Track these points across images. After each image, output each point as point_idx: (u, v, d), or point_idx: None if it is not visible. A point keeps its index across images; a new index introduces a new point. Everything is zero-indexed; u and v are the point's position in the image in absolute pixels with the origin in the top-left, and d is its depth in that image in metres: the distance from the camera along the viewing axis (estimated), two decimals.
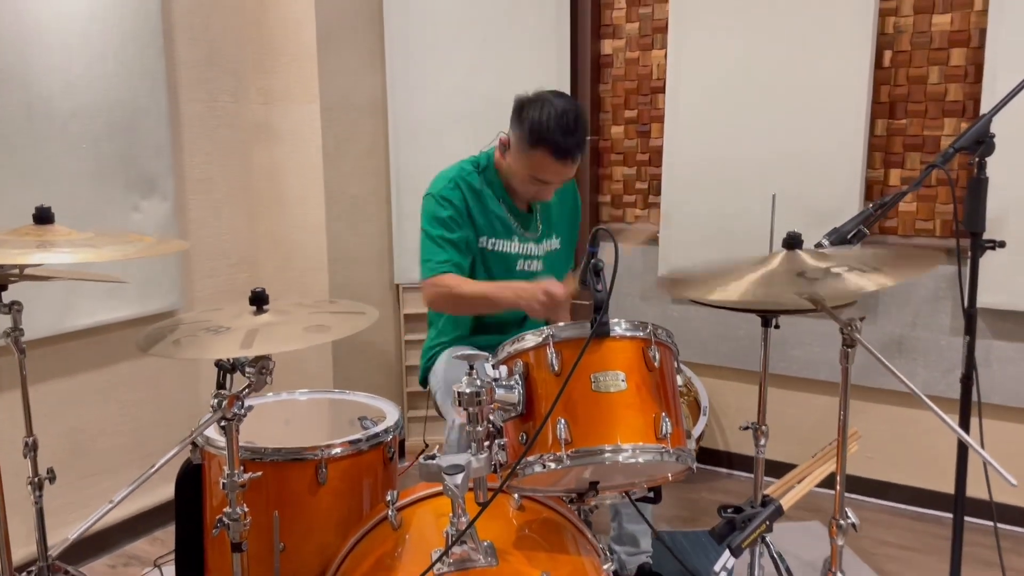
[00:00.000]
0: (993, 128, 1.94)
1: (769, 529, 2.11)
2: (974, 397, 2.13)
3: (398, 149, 3.35)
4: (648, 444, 1.47)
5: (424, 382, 2.46)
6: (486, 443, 1.52)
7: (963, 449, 2.19)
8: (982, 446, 2.14)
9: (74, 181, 2.57)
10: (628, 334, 1.54)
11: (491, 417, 1.56)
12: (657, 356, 1.53)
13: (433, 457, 1.46)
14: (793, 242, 1.59)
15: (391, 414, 2.10)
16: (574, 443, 1.46)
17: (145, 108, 2.74)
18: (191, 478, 2.02)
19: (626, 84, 3.41)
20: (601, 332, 1.50)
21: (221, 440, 1.91)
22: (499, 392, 1.51)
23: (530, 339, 1.55)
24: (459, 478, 1.41)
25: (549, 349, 1.51)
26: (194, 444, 1.97)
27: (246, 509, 1.65)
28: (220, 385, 1.78)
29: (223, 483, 1.64)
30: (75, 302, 2.60)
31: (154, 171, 2.78)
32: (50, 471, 2.10)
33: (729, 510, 2.15)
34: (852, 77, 2.88)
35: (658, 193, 3.35)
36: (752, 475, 3.30)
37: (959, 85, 2.81)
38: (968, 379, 2.14)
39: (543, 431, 1.48)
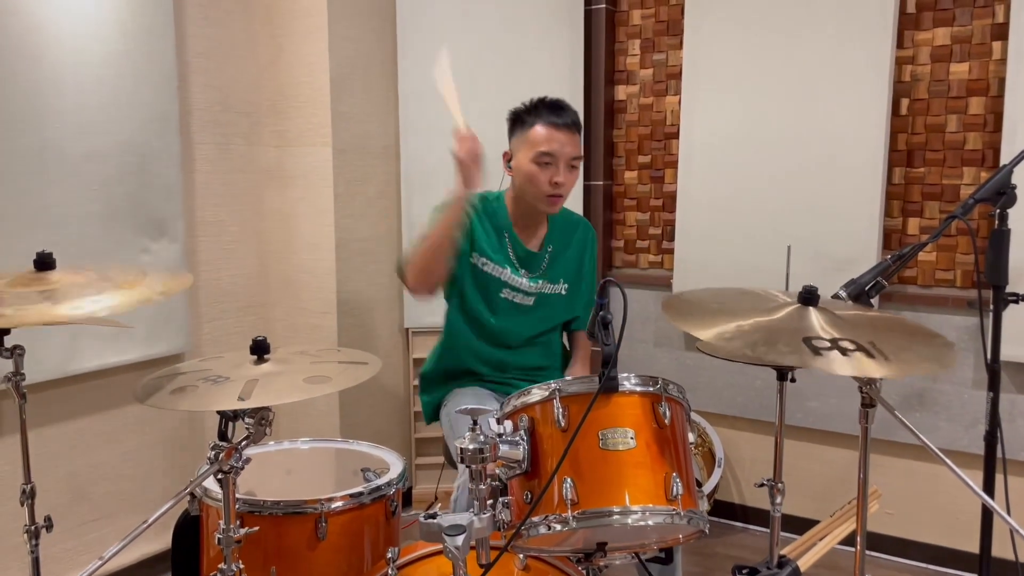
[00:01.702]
0: (1014, 179, 1.90)
1: None
2: (999, 454, 2.06)
3: (410, 193, 3.34)
4: (658, 506, 1.41)
5: (430, 419, 2.46)
6: (490, 501, 1.47)
7: (988, 509, 2.12)
8: (1008, 505, 2.07)
9: (85, 223, 2.57)
10: (638, 389, 1.48)
11: (497, 471, 1.51)
12: (668, 413, 1.47)
13: (434, 516, 1.40)
14: (809, 297, 1.53)
15: (395, 465, 2.04)
16: (581, 504, 1.40)
17: (157, 151, 2.74)
18: (189, 530, 1.97)
19: (640, 129, 3.40)
20: (609, 387, 1.44)
21: (219, 491, 1.86)
22: (503, 448, 1.46)
23: (536, 393, 1.50)
24: (460, 539, 1.35)
25: (555, 404, 1.46)
26: (192, 495, 1.92)
27: (242, 566, 1.60)
28: (222, 434, 1.74)
29: (218, 538, 1.59)
30: (80, 345, 2.58)
31: (164, 213, 2.77)
32: (47, 519, 2.05)
33: (744, 571, 2.08)
34: (869, 125, 2.85)
35: (672, 239, 3.31)
36: (768, 530, 3.23)
37: (978, 134, 2.77)
38: (992, 435, 2.08)
39: (548, 490, 1.43)
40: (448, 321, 2.41)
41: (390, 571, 1.64)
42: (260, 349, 1.64)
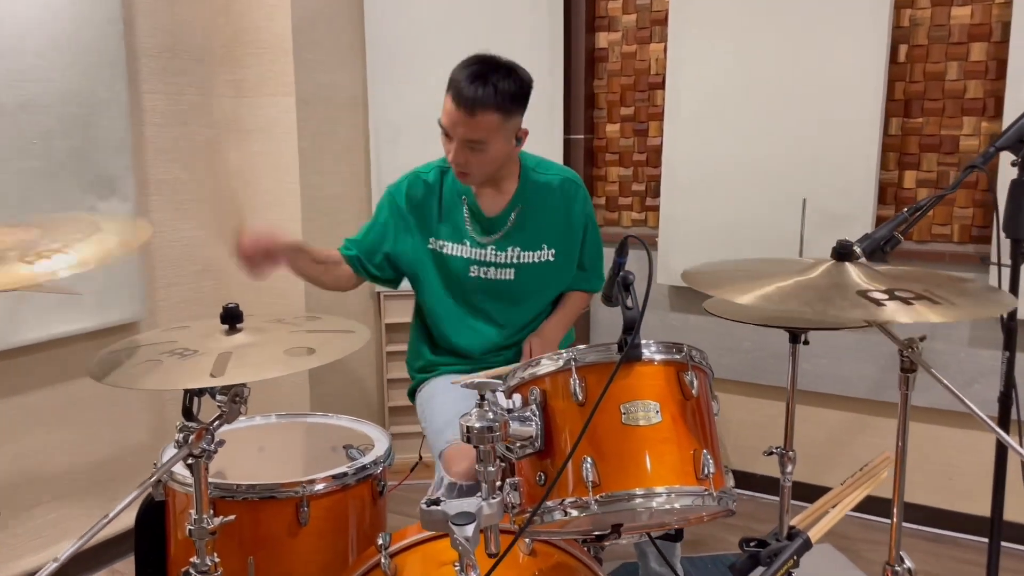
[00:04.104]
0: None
1: (796, 564, 1.94)
2: (1013, 416, 1.99)
3: (379, 147, 3.14)
4: (687, 486, 1.27)
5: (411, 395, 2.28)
6: (498, 483, 1.32)
7: (1000, 470, 2.04)
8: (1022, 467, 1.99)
9: (24, 180, 2.33)
10: (661, 357, 1.34)
11: (498, 451, 1.35)
12: (695, 383, 1.33)
13: (437, 502, 1.25)
14: (844, 253, 1.40)
15: (380, 441, 1.88)
16: (602, 486, 1.26)
17: (103, 101, 2.49)
18: (152, 517, 1.79)
19: (622, 80, 3.22)
20: (632, 356, 1.30)
21: (186, 475, 1.68)
22: (514, 425, 1.30)
23: (547, 364, 1.35)
24: (469, 529, 1.20)
25: (572, 375, 1.31)
26: (157, 479, 1.73)
27: (217, 559, 1.43)
28: (186, 411, 1.55)
29: (190, 529, 1.42)
30: (24, 313, 2.36)
31: (113, 170, 2.54)
32: None
33: (752, 544, 1.97)
34: (865, 73, 2.71)
35: (656, 195, 3.16)
36: (758, 494, 3.16)
37: (979, 82, 2.65)
38: (1007, 396, 2.00)
39: (565, 471, 1.28)
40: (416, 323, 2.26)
41: (383, 559, 1.49)
42: (232, 318, 1.46)
